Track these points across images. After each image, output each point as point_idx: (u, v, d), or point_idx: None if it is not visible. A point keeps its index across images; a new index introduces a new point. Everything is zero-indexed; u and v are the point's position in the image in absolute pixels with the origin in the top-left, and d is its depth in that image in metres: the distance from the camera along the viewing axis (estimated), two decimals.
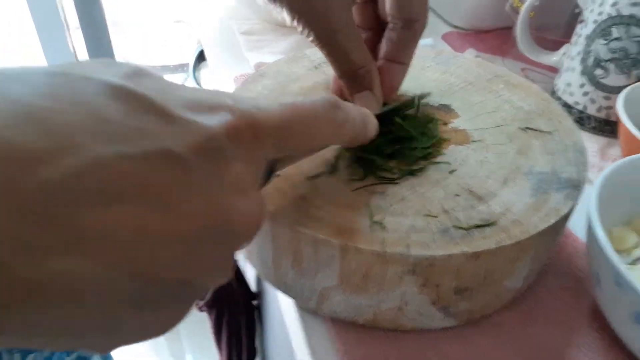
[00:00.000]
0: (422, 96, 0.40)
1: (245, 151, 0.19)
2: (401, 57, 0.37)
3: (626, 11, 0.45)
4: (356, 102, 0.36)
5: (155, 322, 0.18)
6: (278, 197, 0.32)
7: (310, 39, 0.35)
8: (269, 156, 0.21)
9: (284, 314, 0.41)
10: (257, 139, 0.20)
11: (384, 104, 0.39)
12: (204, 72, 0.90)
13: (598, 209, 0.31)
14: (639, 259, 0.34)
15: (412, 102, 0.39)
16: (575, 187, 0.34)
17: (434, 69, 0.44)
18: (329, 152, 0.35)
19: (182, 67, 1.52)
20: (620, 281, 0.28)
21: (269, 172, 0.25)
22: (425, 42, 0.59)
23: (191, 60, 0.92)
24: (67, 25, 1.27)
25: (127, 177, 0.15)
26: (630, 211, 0.37)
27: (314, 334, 0.34)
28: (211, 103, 0.19)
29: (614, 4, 0.46)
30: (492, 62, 0.62)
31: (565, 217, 0.32)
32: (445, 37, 0.67)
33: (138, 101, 0.16)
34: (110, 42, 1.29)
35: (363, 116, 0.28)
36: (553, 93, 0.56)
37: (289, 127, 0.22)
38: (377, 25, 0.39)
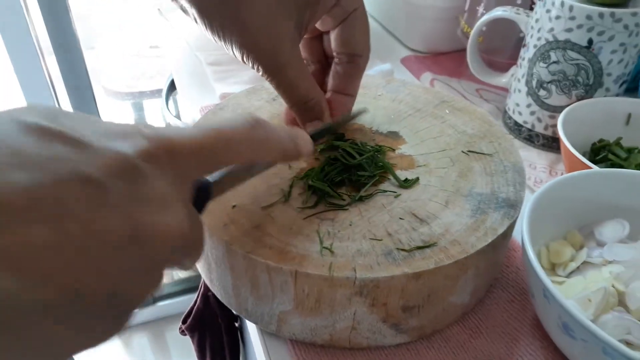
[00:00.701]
0: (355, 115, 0.42)
1: (164, 171, 0.21)
2: (347, 89, 0.40)
3: (561, 37, 0.49)
4: (306, 129, 0.39)
5: (91, 333, 0.19)
6: (234, 228, 0.34)
7: (260, 73, 0.37)
8: (194, 175, 0.23)
9: (252, 338, 0.43)
10: (175, 160, 0.22)
11: (337, 135, 0.42)
12: (177, 98, 0.92)
13: (529, 228, 0.33)
14: (573, 272, 0.36)
15: (347, 118, 0.41)
16: (512, 206, 0.36)
17: (384, 97, 0.47)
18: (283, 182, 0.37)
19: (158, 93, 1.53)
20: (547, 295, 0.30)
21: (205, 192, 0.27)
22: (383, 67, 0.62)
23: (164, 87, 0.94)
24: (41, 51, 1.28)
25: (43, 199, 0.17)
26: (567, 226, 0.40)
27: (275, 355, 0.36)
28: (125, 132, 0.21)
29: (550, 30, 0.49)
30: (449, 83, 0.65)
31: (504, 235, 0.35)
32: (403, 61, 0.70)
33: (52, 134, 0.18)
34: (85, 67, 1.30)
35: (291, 134, 0.30)
36: (505, 112, 0.59)
37: (210, 148, 0.24)
38: (324, 59, 0.42)
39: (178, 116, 0.91)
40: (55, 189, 0.17)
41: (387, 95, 0.48)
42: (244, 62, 0.37)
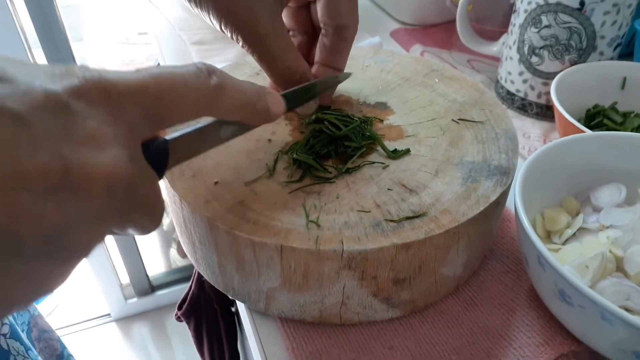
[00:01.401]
0: (338, 79, 0.40)
1: (98, 111, 0.20)
2: (334, 62, 0.38)
3: None
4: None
5: (31, 278, 0.19)
6: (217, 204, 0.32)
7: (240, 43, 0.36)
8: (137, 121, 0.22)
9: (242, 317, 0.42)
10: (110, 100, 0.20)
11: (323, 107, 0.40)
12: None
13: (522, 194, 0.32)
14: (570, 238, 0.35)
15: (329, 80, 0.39)
16: (504, 173, 0.35)
17: (372, 68, 0.46)
18: (267, 157, 0.36)
19: None
20: (542, 261, 0.29)
21: (162, 152, 0.25)
22: (372, 40, 0.60)
23: None
24: (28, 44, 1.26)
25: None
26: (562, 192, 0.38)
27: (264, 334, 0.35)
28: (57, 72, 0.20)
29: None
30: (439, 55, 0.64)
31: (496, 203, 0.34)
32: (392, 34, 0.68)
33: None
34: (73, 58, 1.28)
35: (257, 87, 0.28)
36: (497, 82, 0.58)
37: (154, 93, 0.22)
38: (312, 30, 0.40)
39: None
40: None
41: (375, 66, 0.46)
42: (223, 32, 0.35)
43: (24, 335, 0.49)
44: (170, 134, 0.26)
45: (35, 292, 0.19)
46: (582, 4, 0.46)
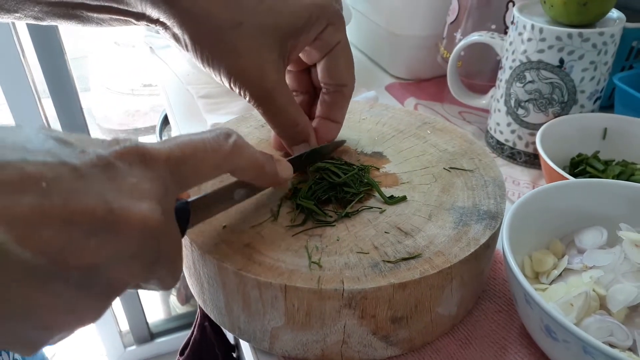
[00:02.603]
0: (337, 144, 0.44)
1: (138, 171, 0.24)
2: (334, 116, 0.42)
3: (534, 57, 0.51)
4: (292, 151, 0.41)
5: (72, 307, 0.22)
6: (225, 246, 0.35)
7: (247, 99, 0.39)
8: (168, 181, 0.26)
9: (246, 357, 0.44)
10: (146, 164, 0.25)
11: (319, 159, 0.43)
12: (171, 134, 0.94)
13: (509, 236, 0.35)
14: (556, 279, 0.38)
15: (329, 147, 0.43)
16: (493, 217, 0.38)
17: (368, 121, 0.49)
18: (272, 202, 0.39)
19: (152, 129, 1.56)
20: (528, 299, 0.31)
21: (184, 212, 0.30)
22: (368, 94, 0.64)
23: (157, 123, 0.96)
24: (37, 94, 1.31)
25: (28, 176, 0.20)
26: (549, 235, 0.41)
27: None
28: (107, 142, 0.25)
29: (523, 52, 0.52)
30: (432, 107, 0.68)
31: (486, 246, 0.36)
32: (388, 88, 0.72)
33: (56, 139, 0.23)
34: (81, 108, 1.33)
35: (265, 155, 0.32)
36: (487, 132, 0.61)
37: (179, 158, 0.27)
38: (312, 91, 0.44)
39: None
40: (40, 167, 0.21)
41: (371, 118, 0.50)
42: (232, 88, 0.38)
43: None
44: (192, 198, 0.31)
45: (72, 321, 0.22)
46: (561, 61, 0.50)
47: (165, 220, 0.25)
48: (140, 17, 0.37)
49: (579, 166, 0.50)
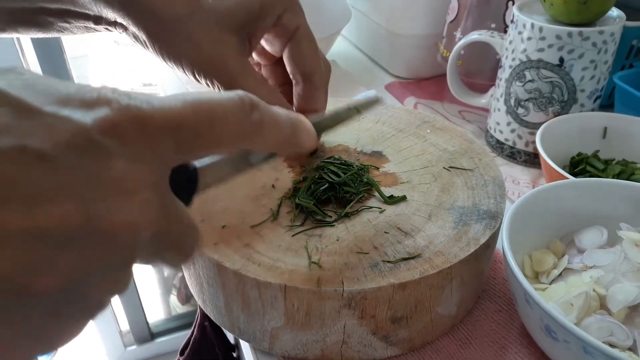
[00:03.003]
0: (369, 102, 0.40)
1: (131, 149, 0.18)
2: (311, 106, 0.40)
3: (534, 56, 0.51)
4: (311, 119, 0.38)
5: (45, 335, 0.17)
6: (224, 246, 0.35)
7: (215, 88, 0.37)
8: (170, 158, 0.20)
9: (246, 357, 0.44)
10: (146, 137, 0.18)
11: (311, 153, 0.43)
12: None
13: (509, 236, 0.35)
14: (556, 278, 0.38)
15: (359, 105, 0.38)
16: (493, 217, 0.37)
17: (368, 120, 0.49)
18: (271, 202, 0.39)
19: None
20: (528, 299, 0.31)
21: (191, 181, 0.24)
22: (368, 93, 0.64)
23: None
24: None
25: None
26: (549, 235, 0.41)
27: None
28: (88, 98, 0.17)
29: (523, 51, 0.52)
30: (432, 106, 0.67)
31: (486, 245, 0.36)
32: (387, 87, 0.72)
33: (11, 102, 0.16)
34: None
35: (293, 120, 0.26)
36: (487, 131, 0.61)
37: (192, 128, 0.20)
38: (289, 81, 0.42)
39: None
40: None
41: (371, 117, 0.49)
42: (198, 80, 0.37)
43: None
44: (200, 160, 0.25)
45: (41, 350, 0.18)
46: (561, 60, 0.50)
47: (165, 211, 0.19)
48: (99, 20, 0.37)
49: (579, 165, 0.50)
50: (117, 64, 1.82)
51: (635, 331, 0.32)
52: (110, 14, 0.36)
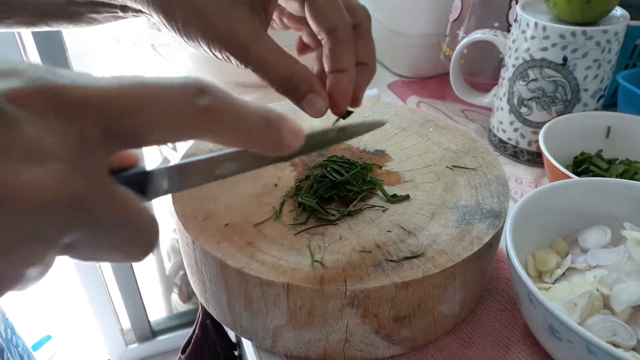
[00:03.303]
0: (373, 124, 0.38)
1: (40, 119, 0.18)
2: (339, 65, 0.37)
3: (537, 55, 0.51)
4: (305, 109, 0.36)
5: None
6: (227, 245, 0.35)
7: (232, 60, 0.36)
8: (91, 134, 0.19)
9: (248, 355, 0.44)
10: (58, 109, 0.18)
11: (347, 113, 0.40)
12: None
13: (512, 235, 0.35)
14: (560, 278, 0.37)
15: (357, 126, 0.37)
16: (496, 216, 0.37)
17: (371, 119, 0.49)
18: (274, 200, 0.39)
19: None
20: (532, 299, 0.31)
21: (138, 177, 0.23)
22: (371, 92, 0.64)
23: None
24: None
25: None
26: (552, 235, 0.41)
27: None
28: (3, 68, 0.18)
29: (526, 50, 0.52)
30: (435, 105, 0.67)
31: (489, 245, 0.36)
32: (390, 86, 0.72)
33: None
34: None
35: (267, 114, 0.23)
36: (490, 131, 0.61)
37: (117, 106, 0.19)
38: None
39: (174, 147, 0.93)
40: None
41: (374, 116, 0.49)
42: (215, 55, 0.36)
43: None
44: (156, 165, 0.24)
45: None
46: (565, 59, 0.50)
47: (86, 184, 0.18)
48: (125, 8, 0.37)
49: (582, 165, 0.50)
50: (119, 62, 1.82)
51: (638, 331, 0.32)
52: (132, 3, 0.36)
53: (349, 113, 0.38)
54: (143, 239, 0.20)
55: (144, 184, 0.23)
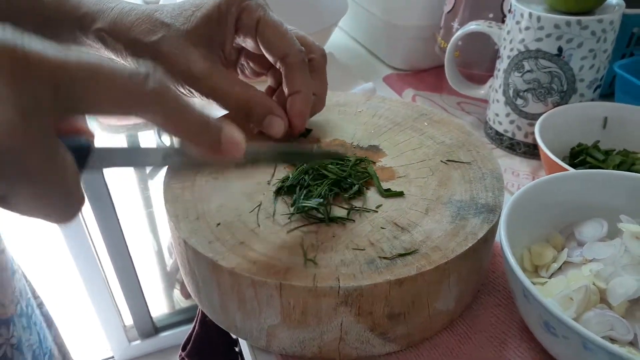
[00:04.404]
0: (330, 153, 0.43)
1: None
2: (292, 87, 0.41)
3: (532, 46, 0.50)
4: (267, 130, 0.41)
5: None
6: (219, 244, 0.34)
7: (195, 94, 0.41)
8: (43, 94, 0.21)
9: (244, 354, 0.43)
10: (16, 68, 0.20)
11: (301, 134, 0.44)
12: None
13: (507, 230, 0.34)
14: (556, 272, 0.37)
15: (313, 153, 0.42)
16: (491, 211, 0.37)
17: (365, 114, 0.48)
18: (266, 199, 0.38)
19: (152, 125, 1.55)
20: (527, 294, 0.31)
21: (82, 147, 0.25)
22: (366, 86, 0.64)
23: None
24: None
25: None
26: (548, 228, 0.40)
27: None
28: None
29: (521, 41, 0.51)
30: (430, 98, 0.67)
31: (484, 240, 0.36)
32: (385, 79, 0.72)
33: None
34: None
35: (207, 120, 0.26)
36: (486, 123, 0.60)
37: (71, 74, 0.21)
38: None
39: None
40: None
41: (367, 111, 0.49)
42: (180, 91, 0.41)
43: None
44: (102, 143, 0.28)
45: None
46: (560, 50, 0.49)
47: (25, 134, 0.20)
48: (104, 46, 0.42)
49: (579, 156, 0.50)
50: None
51: (636, 325, 0.32)
52: (109, 44, 0.41)
53: (309, 131, 0.43)
54: (71, 200, 0.23)
55: (86, 155, 0.25)
